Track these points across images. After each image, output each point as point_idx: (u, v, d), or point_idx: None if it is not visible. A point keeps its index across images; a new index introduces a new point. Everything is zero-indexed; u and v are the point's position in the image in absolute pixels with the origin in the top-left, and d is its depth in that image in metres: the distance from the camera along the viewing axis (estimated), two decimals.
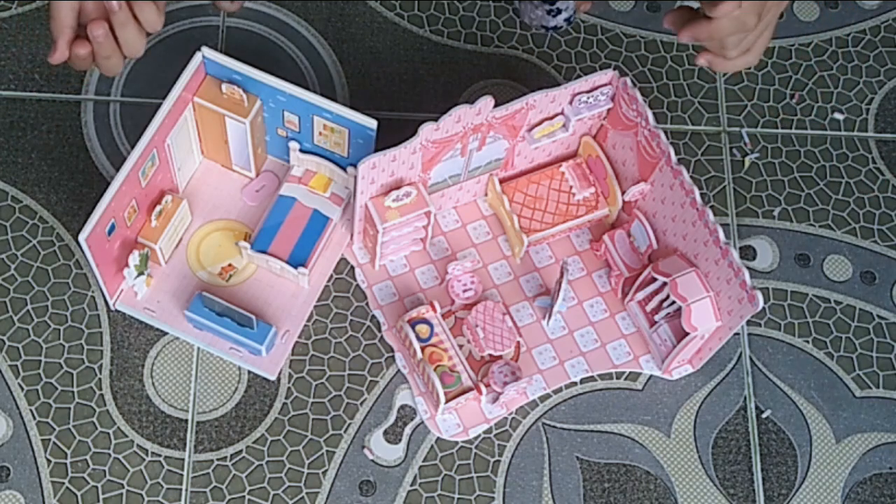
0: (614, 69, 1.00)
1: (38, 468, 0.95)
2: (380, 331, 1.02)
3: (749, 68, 1.10)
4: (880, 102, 1.18)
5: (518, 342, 1.02)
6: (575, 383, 1.02)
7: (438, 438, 0.99)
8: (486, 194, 1.08)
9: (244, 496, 0.96)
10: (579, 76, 1.10)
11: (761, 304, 0.89)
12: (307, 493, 0.96)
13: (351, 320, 1.03)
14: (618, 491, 0.98)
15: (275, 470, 0.97)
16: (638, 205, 1.02)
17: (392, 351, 1.02)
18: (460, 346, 1.01)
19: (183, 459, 0.97)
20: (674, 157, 0.95)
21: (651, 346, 1.03)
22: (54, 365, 0.99)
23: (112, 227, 0.93)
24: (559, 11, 1.15)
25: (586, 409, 1.01)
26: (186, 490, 0.96)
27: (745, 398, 1.03)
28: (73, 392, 0.98)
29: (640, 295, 1.01)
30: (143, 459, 0.96)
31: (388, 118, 1.03)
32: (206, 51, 0.95)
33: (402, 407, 1.00)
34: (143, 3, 0.85)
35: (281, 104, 0.98)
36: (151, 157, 0.95)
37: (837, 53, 1.20)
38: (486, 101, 0.92)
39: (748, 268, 1.06)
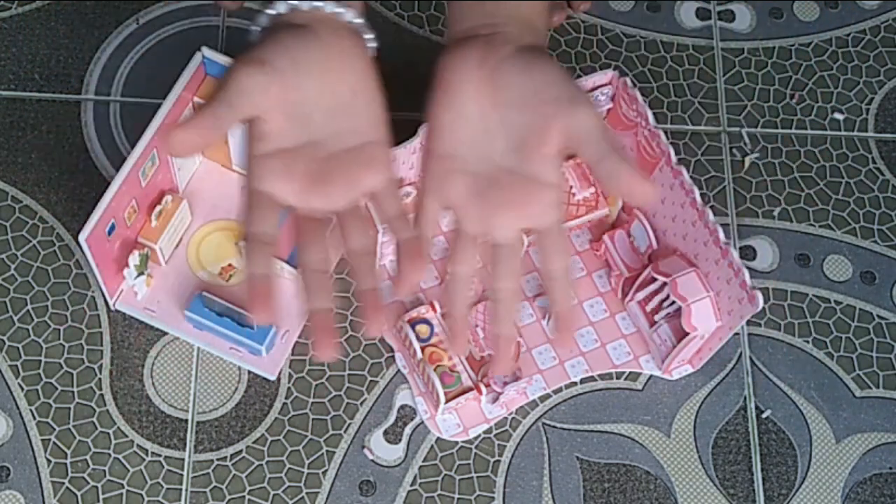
0: (614, 69, 1.00)
1: (38, 468, 0.95)
2: None
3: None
4: (880, 102, 1.18)
5: (518, 342, 1.02)
6: (575, 383, 1.02)
7: (438, 438, 0.99)
8: None
9: (244, 496, 0.96)
10: (579, 76, 1.10)
11: (761, 304, 0.89)
12: (307, 493, 0.96)
13: (351, 320, 1.03)
14: (618, 491, 0.98)
15: (275, 470, 0.97)
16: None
17: (392, 351, 1.02)
18: None
19: (183, 459, 0.97)
20: (674, 157, 0.95)
21: (651, 346, 1.03)
22: (54, 365, 0.99)
23: (112, 227, 0.92)
24: None
25: (586, 409, 1.01)
26: (186, 490, 0.96)
27: (745, 398, 1.03)
28: (73, 392, 0.98)
29: (640, 295, 1.01)
30: (143, 459, 0.96)
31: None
32: (206, 51, 0.95)
33: (402, 407, 1.00)
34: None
35: None
36: (151, 157, 0.95)
37: (837, 53, 1.20)
38: None
39: (748, 268, 1.05)
